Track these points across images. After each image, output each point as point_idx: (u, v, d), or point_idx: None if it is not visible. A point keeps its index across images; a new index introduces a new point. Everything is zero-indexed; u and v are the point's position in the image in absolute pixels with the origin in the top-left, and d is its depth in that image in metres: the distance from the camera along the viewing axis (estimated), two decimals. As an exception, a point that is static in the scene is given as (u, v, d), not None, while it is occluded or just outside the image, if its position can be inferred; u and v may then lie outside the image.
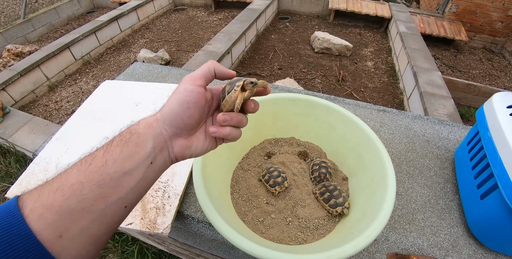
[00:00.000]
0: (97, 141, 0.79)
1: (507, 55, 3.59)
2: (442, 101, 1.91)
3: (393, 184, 0.45)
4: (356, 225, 0.45)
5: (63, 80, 2.94)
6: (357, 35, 3.49)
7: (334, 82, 2.63)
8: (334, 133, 0.62)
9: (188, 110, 0.32)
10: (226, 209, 0.51)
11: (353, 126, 0.58)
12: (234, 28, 2.93)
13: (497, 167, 0.52)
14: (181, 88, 0.33)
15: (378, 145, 0.52)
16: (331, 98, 0.86)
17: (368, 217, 0.44)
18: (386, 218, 0.41)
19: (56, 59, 2.86)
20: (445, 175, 0.69)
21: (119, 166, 0.28)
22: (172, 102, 0.33)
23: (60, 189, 0.26)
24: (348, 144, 0.59)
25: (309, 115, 0.64)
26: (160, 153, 0.32)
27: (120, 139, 0.30)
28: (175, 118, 0.32)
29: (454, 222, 0.60)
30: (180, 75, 1.07)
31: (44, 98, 2.70)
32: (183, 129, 0.33)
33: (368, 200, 0.49)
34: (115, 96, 0.95)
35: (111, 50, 3.46)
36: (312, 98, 0.63)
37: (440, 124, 0.82)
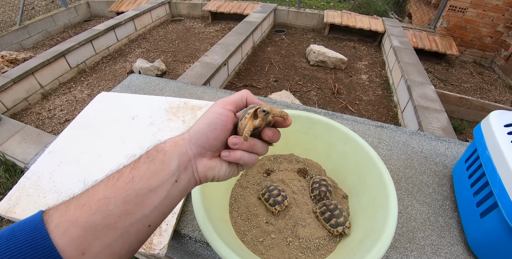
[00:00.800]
0: (91, 156, 0.78)
1: (497, 69, 3.69)
2: (436, 115, 1.94)
3: (395, 204, 0.45)
4: (359, 246, 0.44)
5: (57, 88, 2.91)
6: (351, 48, 3.55)
7: (330, 94, 2.66)
8: (334, 151, 0.62)
9: (215, 131, 0.33)
10: (225, 229, 0.50)
11: (353, 144, 0.58)
12: (231, 40, 2.97)
13: (497, 186, 0.53)
14: (211, 110, 0.34)
15: (379, 165, 0.52)
16: (329, 114, 0.87)
17: (371, 238, 0.43)
18: (389, 239, 0.41)
19: (50, 67, 2.84)
20: (443, 192, 0.69)
21: (145, 183, 0.29)
22: (201, 122, 0.34)
23: (87, 204, 0.26)
24: (349, 163, 0.59)
25: (309, 133, 0.64)
26: (184, 172, 0.32)
27: (147, 156, 0.31)
28: (202, 137, 0.33)
29: (454, 240, 0.60)
30: (178, 88, 1.06)
31: (37, 106, 2.67)
32: (208, 150, 0.34)
33: (370, 220, 0.48)
34: (111, 109, 0.94)
35: (107, 59, 3.46)
36: (312, 115, 0.63)
37: (437, 140, 0.83)
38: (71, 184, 0.70)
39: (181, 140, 0.33)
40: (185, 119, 0.88)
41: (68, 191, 0.69)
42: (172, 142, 0.33)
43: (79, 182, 0.71)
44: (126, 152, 0.79)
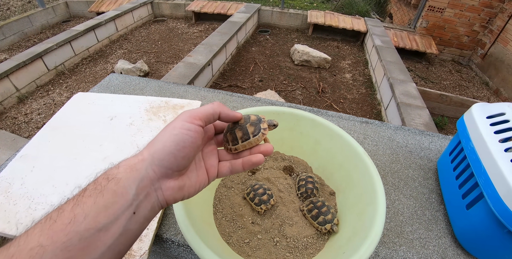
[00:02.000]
0: (66, 160, 0.74)
1: (474, 66, 3.82)
2: (418, 111, 1.98)
3: (383, 200, 0.44)
4: (347, 244, 0.43)
5: (34, 91, 2.79)
6: (335, 48, 3.59)
7: (314, 93, 2.67)
8: (320, 148, 0.61)
9: (184, 149, 0.29)
10: (209, 231, 0.47)
11: (339, 140, 0.57)
12: (214, 40, 2.94)
13: (482, 177, 0.53)
14: (178, 125, 0.30)
15: (366, 160, 0.51)
16: (315, 111, 0.86)
17: (359, 235, 0.42)
18: (378, 236, 0.40)
19: (27, 69, 2.72)
20: (429, 185, 0.69)
21: (91, 222, 0.24)
22: (166, 139, 0.29)
23: (16, 255, 0.21)
24: (335, 159, 0.58)
25: (294, 129, 0.63)
26: (145, 200, 0.27)
27: (94, 187, 0.26)
28: (167, 157, 0.28)
29: (441, 233, 0.60)
30: (159, 87, 1.03)
31: (12, 110, 2.55)
32: (175, 170, 0.29)
33: (358, 217, 0.47)
34: (88, 109, 0.90)
35: (87, 60, 3.36)
36: (297, 111, 0.62)
37: (420, 135, 0.83)
38: (44, 190, 0.66)
39: (140, 162, 0.28)
40: (166, 119, 0.85)
41: (40, 197, 0.64)
42: (128, 166, 0.27)
43: (53, 187, 0.67)
44: (103, 154, 0.75)
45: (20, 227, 0.58)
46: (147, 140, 0.78)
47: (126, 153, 0.75)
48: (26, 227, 0.24)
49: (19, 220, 0.59)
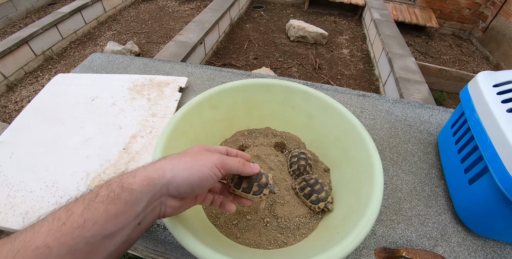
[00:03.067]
0: (46, 144, 0.70)
1: (475, 40, 3.71)
2: (417, 86, 1.92)
3: (380, 176, 0.40)
4: (342, 224, 0.40)
5: (23, 78, 2.69)
6: (332, 23, 3.46)
7: (311, 70, 2.59)
8: (314, 122, 0.57)
9: (203, 187, 0.32)
10: (193, 214, 0.44)
11: (334, 113, 0.52)
12: (206, 17, 2.80)
13: (487, 150, 0.49)
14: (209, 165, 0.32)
15: (363, 134, 0.47)
16: (309, 84, 0.81)
17: (355, 214, 0.39)
18: (375, 214, 0.36)
19: (13, 56, 2.60)
20: (429, 160, 0.66)
21: (99, 229, 0.24)
22: (194, 171, 0.31)
23: (21, 251, 0.21)
24: (330, 134, 0.54)
25: (286, 103, 0.58)
26: (151, 213, 0.29)
27: (107, 194, 0.26)
28: (187, 187, 0.30)
29: (441, 209, 0.57)
30: (144, 65, 0.97)
31: (2, 99, 2.47)
32: (183, 197, 0.32)
33: (353, 194, 0.43)
34: (69, 91, 0.84)
35: (76, 44, 3.23)
36: (288, 83, 0.57)
37: (420, 108, 0.79)
38: (23, 176, 0.63)
39: (159, 179, 0.29)
40: (150, 97, 0.80)
41: (20, 184, 0.61)
42: (145, 179, 0.28)
43: (33, 173, 0.64)
44: (84, 137, 0.71)
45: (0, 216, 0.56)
46: (130, 120, 0.74)
47: (108, 134, 0.71)
48: (31, 222, 0.24)
49: None
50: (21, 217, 0.56)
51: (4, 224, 0.55)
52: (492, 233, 0.53)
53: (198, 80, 0.86)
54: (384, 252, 0.47)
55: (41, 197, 0.59)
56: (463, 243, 0.52)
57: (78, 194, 0.27)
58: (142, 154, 0.65)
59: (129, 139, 0.69)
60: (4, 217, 0.55)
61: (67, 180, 0.62)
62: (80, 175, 0.63)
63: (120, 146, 0.68)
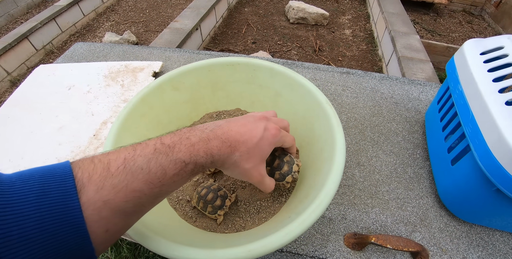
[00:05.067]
0: (23, 133, 0.71)
1: (487, 16, 3.50)
2: (421, 65, 1.83)
3: (341, 155, 0.37)
4: (296, 207, 0.37)
5: (25, 73, 2.71)
6: (334, 2, 3.31)
7: (311, 52, 2.50)
8: (282, 100, 0.53)
9: None
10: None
11: (300, 90, 0.48)
12: (202, 3, 2.73)
13: (469, 125, 0.44)
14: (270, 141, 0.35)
15: (328, 109, 0.43)
16: (288, 63, 0.76)
17: (310, 196, 0.35)
18: (329, 197, 0.33)
19: (14, 51, 2.61)
20: (414, 139, 0.61)
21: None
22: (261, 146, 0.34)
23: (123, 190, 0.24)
24: (297, 111, 0.50)
25: (252, 82, 0.54)
26: None
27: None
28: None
29: (423, 192, 0.53)
30: (123, 52, 0.93)
31: (6, 95, 2.50)
32: None
33: (314, 175, 0.40)
34: (47, 81, 0.84)
35: (75, 36, 3.21)
36: (253, 61, 0.52)
37: (410, 84, 0.73)
38: (1, 165, 0.64)
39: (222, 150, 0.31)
40: (124, 83, 0.77)
41: None
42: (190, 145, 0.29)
43: (9, 161, 0.65)
44: (59, 124, 0.70)
45: None
46: (102, 107, 0.72)
47: (80, 121, 0.70)
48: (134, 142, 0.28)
49: None
50: None
51: None
52: (476, 218, 0.49)
53: (174, 64, 0.83)
54: (354, 238, 0.44)
55: None
56: (445, 228, 0.48)
57: None
58: (110, 140, 0.63)
59: (100, 125, 0.67)
60: None
61: None
62: (52, 162, 0.63)
63: (90, 132, 0.67)
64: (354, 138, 0.60)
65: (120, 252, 1.34)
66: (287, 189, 0.45)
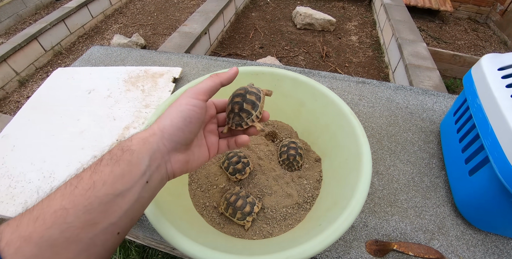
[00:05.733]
0: (44, 136, 0.72)
1: (492, 24, 3.52)
2: (428, 73, 1.85)
3: (368, 165, 0.38)
4: (325, 215, 0.38)
5: (34, 74, 2.74)
6: (340, 9, 3.34)
7: (318, 58, 2.53)
8: (304, 110, 0.54)
9: (191, 124, 0.31)
10: (179, 203, 0.43)
11: (323, 100, 0.50)
12: (210, 7, 2.76)
13: (488, 138, 0.46)
14: (183, 101, 0.32)
15: (352, 120, 0.44)
16: (305, 72, 0.78)
17: (339, 205, 0.37)
18: (359, 205, 0.34)
19: (23, 52, 2.65)
20: (430, 149, 0.63)
21: (109, 188, 0.25)
22: (174, 115, 0.31)
23: (41, 217, 0.22)
24: (320, 121, 0.52)
25: (276, 91, 0.55)
26: (157, 171, 0.29)
27: (110, 157, 0.27)
28: (177, 132, 0.30)
29: (440, 201, 0.54)
30: (140, 57, 0.96)
31: (15, 94, 2.52)
32: (183, 144, 0.32)
33: (340, 184, 0.42)
34: (67, 85, 0.85)
35: (83, 38, 3.25)
36: (277, 71, 0.54)
37: (424, 94, 0.75)
38: (23, 167, 0.65)
39: (152, 136, 0.30)
40: (144, 88, 0.79)
41: (19, 176, 0.63)
42: (140, 140, 0.29)
43: (31, 164, 0.66)
44: (80, 129, 0.72)
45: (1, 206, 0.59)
46: (123, 112, 0.74)
47: (102, 126, 0.71)
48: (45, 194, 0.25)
49: (0, 199, 0.59)
50: (21, 206, 0.58)
51: (5, 213, 0.57)
52: (492, 227, 0.50)
53: (193, 70, 0.85)
54: (376, 244, 0.46)
55: (38, 187, 0.61)
56: (462, 237, 0.50)
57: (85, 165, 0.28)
58: (134, 145, 0.65)
59: (122, 130, 0.69)
60: (6, 207, 0.58)
61: (62, 171, 0.63)
62: (75, 166, 0.64)
63: (113, 137, 0.68)
64: (372, 147, 0.62)
65: (129, 255, 1.35)
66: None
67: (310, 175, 0.50)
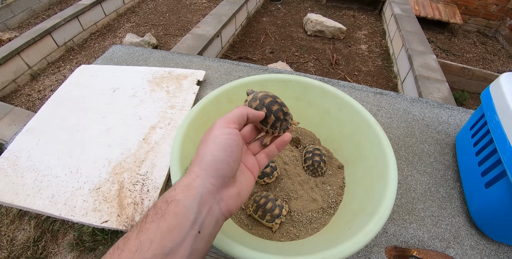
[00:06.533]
0: (70, 132, 0.73)
1: (501, 38, 3.55)
2: (437, 85, 1.87)
3: (394, 174, 0.41)
4: (354, 220, 0.40)
5: (45, 68, 2.78)
6: (350, 17, 3.38)
7: (327, 65, 2.56)
8: (329, 118, 0.57)
9: (233, 154, 0.29)
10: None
11: (349, 110, 0.52)
12: (223, 10, 2.80)
13: (506, 153, 0.48)
14: (217, 133, 0.30)
15: (378, 131, 0.47)
16: (325, 80, 0.80)
17: (367, 211, 0.39)
18: (387, 212, 0.37)
19: (37, 46, 2.69)
20: (445, 161, 0.65)
21: (157, 247, 0.23)
22: (213, 149, 0.29)
23: None
24: (345, 130, 0.54)
25: (302, 98, 0.58)
26: (208, 215, 0.27)
27: (155, 212, 0.25)
28: (221, 165, 0.29)
29: (455, 211, 0.57)
30: (163, 58, 0.99)
31: (26, 88, 2.56)
32: (230, 177, 0.30)
33: (366, 191, 0.44)
34: (91, 82, 0.88)
35: (96, 35, 3.29)
36: (304, 79, 0.57)
37: (439, 108, 0.77)
38: (49, 161, 0.67)
39: (195, 180, 0.28)
40: (169, 89, 0.82)
41: (46, 170, 0.65)
42: (184, 187, 0.27)
43: (58, 159, 0.67)
44: (106, 126, 0.74)
45: (28, 199, 0.59)
46: (149, 111, 0.76)
47: (128, 124, 0.74)
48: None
49: (26, 192, 0.60)
50: (48, 200, 0.59)
51: (32, 206, 0.58)
52: (507, 238, 0.52)
53: (215, 74, 0.87)
54: (395, 250, 0.48)
55: (65, 182, 0.62)
56: (476, 246, 0.52)
57: None
58: (161, 145, 0.67)
59: (149, 129, 0.71)
60: (32, 200, 0.59)
61: (89, 167, 0.65)
62: (102, 163, 0.66)
63: (139, 136, 0.70)
64: (389, 156, 0.64)
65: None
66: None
67: (333, 181, 0.52)
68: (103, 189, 0.60)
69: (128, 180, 0.61)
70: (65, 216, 0.57)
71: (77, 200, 0.59)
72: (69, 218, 0.56)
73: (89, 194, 0.59)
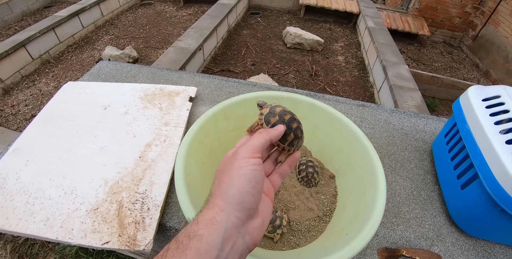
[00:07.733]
0: (61, 152, 0.71)
1: (465, 48, 3.83)
2: (410, 93, 2.00)
3: (383, 182, 0.45)
4: (349, 226, 0.44)
5: (19, 82, 2.69)
6: (327, 30, 3.54)
7: (307, 76, 2.65)
8: (319, 132, 0.61)
9: (257, 185, 0.29)
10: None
11: (338, 124, 0.57)
12: (205, 24, 2.86)
13: (477, 158, 0.54)
14: (242, 164, 0.29)
15: (366, 143, 0.52)
16: (311, 95, 0.86)
17: (361, 217, 0.43)
18: (380, 216, 0.41)
19: (10, 59, 2.60)
20: (424, 166, 0.71)
21: None
22: (238, 181, 0.28)
23: None
24: (334, 143, 0.59)
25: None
26: (232, 251, 0.26)
27: (176, 246, 0.24)
28: (247, 198, 0.28)
29: (436, 212, 0.62)
30: (152, 74, 1.01)
31: (-2, 103, 2.47)
32: (255, 208, 0.29)
33: (359, 199, 0.48)
34: (80, 99, 0.87)
35: (73, 48, 3.24)
36: (295, 96, 0.61)
37: (416, 117, 0.84)
38: (40, 183, 0.64)
39: (219, 214, 0.27)
40: (162, 106, 0.84)
41: (38, 192, 0.62)
42: (207, 221, 0.26)
43: (50, 180, 0.65)
44: (99, 145, 0.73)
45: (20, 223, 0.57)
46: (143, 129, 0.77)
47: (123, 142, 0.74)
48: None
49: (17, 216, 0.57)
50: (42, 223, 0.57)
51: (25, 231, 0.56)
52: (482, 234, 0.58)
53: (206, 90, 0.91)
54: (386, 251, 0.52)
55: (60, 204, 0.60)
56: (456, 243, 0.57)
57: None
58: (158, 162, 0.68)
59: (144, 147, 0.72)
60: (25, 224, 0.56)
61: (85, 187, 0.63)
62: (98, 182, 0.64)
63: (135, 154, 0.71)
64: (374, 164, 0.69)
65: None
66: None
67: (326, 191, 0.56)
68: (101, 209, 0.59)
69: (127, 199, 0.60)
70: (62, 239, 0.54)
71: (74, 222, 0.56)
72: (67, 241, 0.54)
73: (86, 215, 0.58)
